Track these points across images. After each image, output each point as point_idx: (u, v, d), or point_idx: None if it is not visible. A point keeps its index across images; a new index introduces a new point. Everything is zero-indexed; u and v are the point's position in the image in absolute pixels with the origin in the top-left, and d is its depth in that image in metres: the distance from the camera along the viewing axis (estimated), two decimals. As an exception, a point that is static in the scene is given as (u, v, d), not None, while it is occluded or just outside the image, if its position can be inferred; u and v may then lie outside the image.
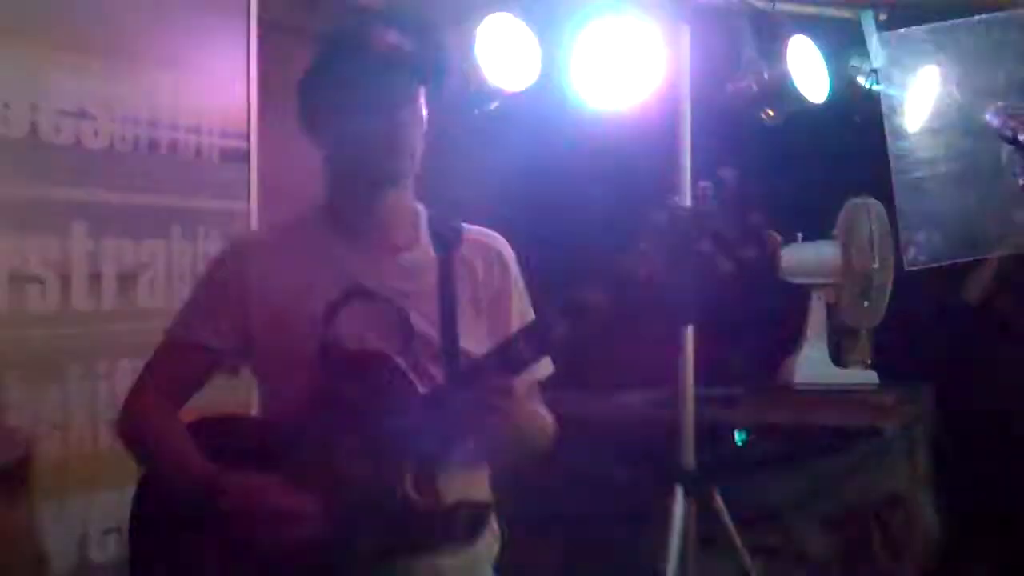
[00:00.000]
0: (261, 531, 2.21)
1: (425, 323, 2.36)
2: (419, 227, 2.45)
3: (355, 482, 2.24)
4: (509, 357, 2.24)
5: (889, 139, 3.53)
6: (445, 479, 2.29)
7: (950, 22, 3.54)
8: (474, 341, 2.36)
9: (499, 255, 2.49)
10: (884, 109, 3.54)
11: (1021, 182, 2.63)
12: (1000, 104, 2.80)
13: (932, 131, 3.55)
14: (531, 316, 2.44)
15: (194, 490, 2.26)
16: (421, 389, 2.27)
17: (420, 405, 2.25)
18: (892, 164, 3.49)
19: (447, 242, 2.44)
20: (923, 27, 3.55)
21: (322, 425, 2.28)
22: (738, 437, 4.22)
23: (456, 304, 2.38)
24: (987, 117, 2.77)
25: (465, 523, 2.31)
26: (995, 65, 3.36)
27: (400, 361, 2.29)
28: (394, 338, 2.33)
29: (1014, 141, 2.70)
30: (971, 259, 3.50)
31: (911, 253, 3.66)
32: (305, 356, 2.32)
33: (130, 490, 2.42)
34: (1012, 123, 2.72)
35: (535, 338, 2.24)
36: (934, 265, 3.59)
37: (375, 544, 2.24)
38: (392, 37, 2.37)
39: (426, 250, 2.43)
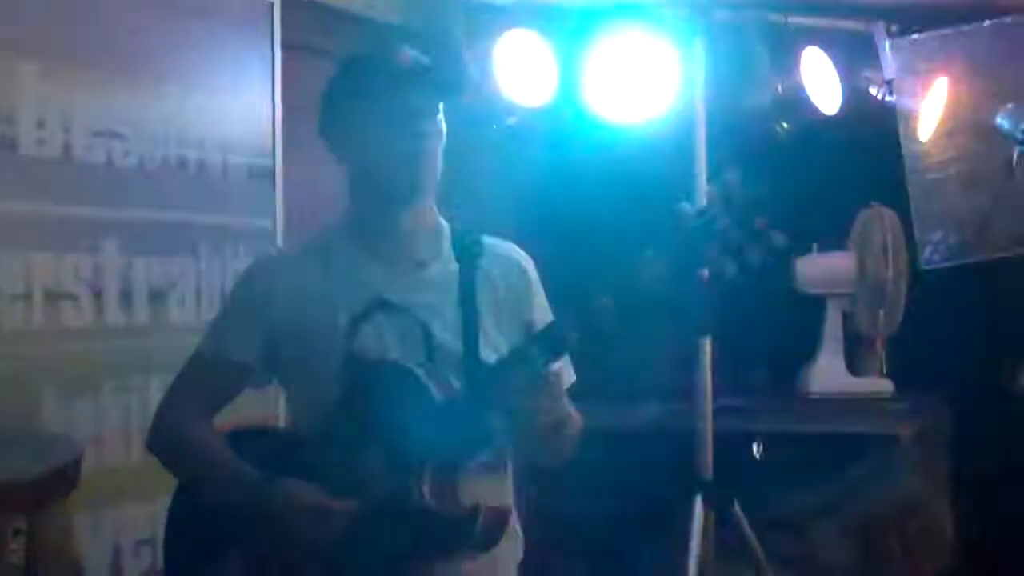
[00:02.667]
0: (310, 531, 2.27)
1: (447, 335, 2.39)
2: (441, 241, 2.48)
3: (376, 488, 2.28)
4: (523, 362, 2.26)
5: (903, 143, 3.57)
6: (464, 485, 2.32)
7: (960, 27, 3.59)
8: (495, 353, 2.39)
9: (520, 268, 2.52)
10: (897, 114, 3.59)
11: None
12: (1010, 107, 2.86)
13: (945, 134, 3.59)
14: None
15: (244, 494, 2.31)
16: (438, 397, 2.30)
17: (437, 412, 2.28)
18: (906, 166, 3.53)
19: (469, 256, 2.46)
20: (934, 33, 3.59)
21: (345, 434, 2.33)
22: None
23: (477, 316, 2.41)
24: (998, 120, 2.83)
25: (483, 528, 2.31)
26: (1004, 69, 3.41)
27: (418, 370, 2.32)
28: (416, 350, 2.37)
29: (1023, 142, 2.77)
30: (984, 259, 3.53)
31: (927, 253, 3.70)
32: (330, 368, 2.36)
33: (163, 502, 2.47)
34: (1022, 125, 2.78)
35: (547, 343, 2.25)
36: (948, 265, 3.63)
37: (396, 547, 2.27)
38: (413, 53, 2.42)
39: (448, 264, 2.46)
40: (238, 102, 3.63)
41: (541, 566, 2.61)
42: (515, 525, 2.49)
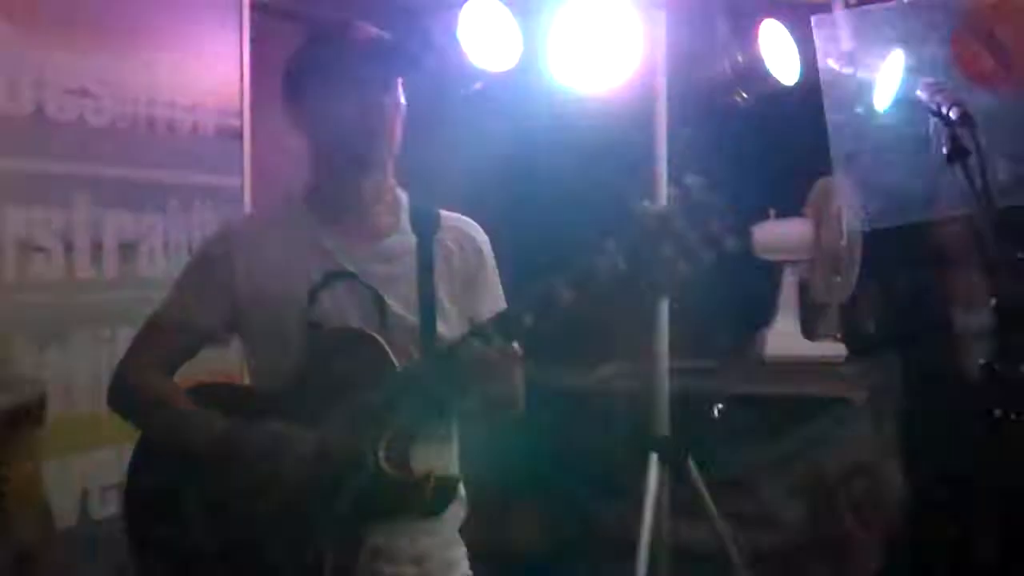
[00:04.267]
0: (275, 466, 2.35)
1: (403, 306, 2.48)
2: (400, 213, 2.56)
3: (334, 451, 2.36)
4: (479, 345, 2.34)
5: (827, 113, 3.65)
6: (417, 452, 2.41)
7: (883, 4, 3.66)
8: (447, 324, 2.49)
9: (474, 241, 2.61)
10: (823, 85, 3.67)
11: (945, 151, 2.81)
12: (928, 80, 2.97)
13: (866, 105, 3.66)
14: (502, 301, 2.56)
15: (216, 442, 2.39)
16: (398, 365, 2.39)
17: (396, 380, 2.38)
18: (830, 137, 3.60)
19: (426, 228, 2.55)
20: (857, 10, 3.67)
21: (306, 398, 2.41)
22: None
23: (433, 288, 2.50)
24: (917, 92, 2.94)
25: (432, 493, 2.41)
26: (922, 45, 3.50)
27: (380, 339, 2.41)
28: (373, 319, 2.46)
29: (938, 114, 2.88)
30: (900, 223, 3.62)
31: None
32: (290, 335, 2.45)
33: (131, 449, 2.54)
34: (938, 98, 2.89)
35: (504, 328, 2.35)
36: (870, 230, 3.73)
37: (351, 508, 2.36)
38: (371, 29, 2.50)
39: (406, 235, 2.54)
40: (208, 62, 3.70)
41: (496, 526, 2.70)
42: (460, 488, 2.59)
